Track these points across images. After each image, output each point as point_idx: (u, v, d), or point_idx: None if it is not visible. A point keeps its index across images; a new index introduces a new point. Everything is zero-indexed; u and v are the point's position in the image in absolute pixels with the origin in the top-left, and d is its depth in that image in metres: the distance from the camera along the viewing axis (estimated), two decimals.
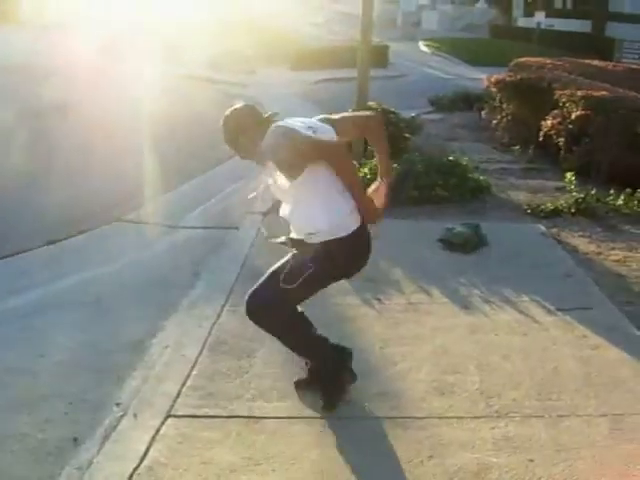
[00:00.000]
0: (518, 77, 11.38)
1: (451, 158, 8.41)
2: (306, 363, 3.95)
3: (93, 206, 7.64)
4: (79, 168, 8.99)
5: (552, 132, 9.67)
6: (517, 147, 10.67)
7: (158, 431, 3.59)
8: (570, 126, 9.28)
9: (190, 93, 15.15)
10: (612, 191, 7.73)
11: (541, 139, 9.96)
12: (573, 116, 9.22)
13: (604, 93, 9.44)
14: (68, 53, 18.47)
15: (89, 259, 6.19)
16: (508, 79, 11.53)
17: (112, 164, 8.82)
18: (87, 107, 12.32)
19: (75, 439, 3.66)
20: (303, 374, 3.96)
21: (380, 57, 21.60)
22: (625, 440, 3.59)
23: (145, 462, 3.37)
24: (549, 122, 9.75)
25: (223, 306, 4.90)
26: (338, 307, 4.46)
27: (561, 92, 9.87)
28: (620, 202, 7.57)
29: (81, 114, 11.83)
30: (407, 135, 9.71)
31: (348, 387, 3.90)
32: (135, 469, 3.32)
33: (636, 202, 7.56)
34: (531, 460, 3.41)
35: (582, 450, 3.48)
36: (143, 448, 3.47)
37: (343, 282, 5.28)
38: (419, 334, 4.64)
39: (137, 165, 8.94)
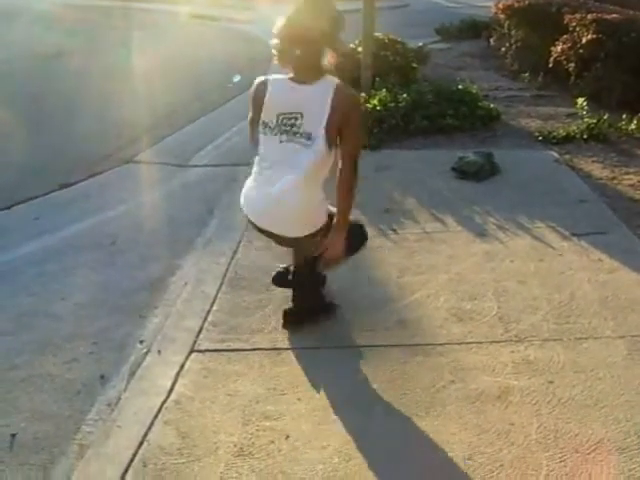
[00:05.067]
0: (526, 2, 11.17)
1: (460, 87, 8.33)
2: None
3: (103, 149, 7.64)
4: (87, 111, 8.98)
5: (562, 58, 9.53)
6: (526, 74, 10.54)
7: (183, 366, 3.65)
8: (580, 51, 9.15)
9: (192, 32, 14.94)
10: (624, 116, 7.65)
11: (551, 65, 9.81)
12: (584, 41, 9.09)
13: (615, 16, 9.28)
14: None
15: (102, 202, 6.20)
16: (516, 5, 11.32)
17: (120, 106, 8.79)
18: (94, 49, 12.25)
19: (102, 377, 3.73)
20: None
21: None
22: None
23: (172, 396, 3.44)
24: (559, 48, 9.60)
25: (239, 242, 4.92)
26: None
27: (571, 16, 9.71)
28: (633, 127, 7.51)
29: (87, 57, 11.76)
30: (415, 65, 9.60)
31: None
32: (163, 403, 3.38)
33: None
34: (551, 382, 3.45)
35: (601, 371, 3.52)
36: (169, 383, 3.53)
37: (358, 213, 5.33)
38: (435, 263, 4.66)
39: (144, 106, 8.92)
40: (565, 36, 9.60)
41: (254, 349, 3.77)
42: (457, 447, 3.04)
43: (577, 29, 9.34)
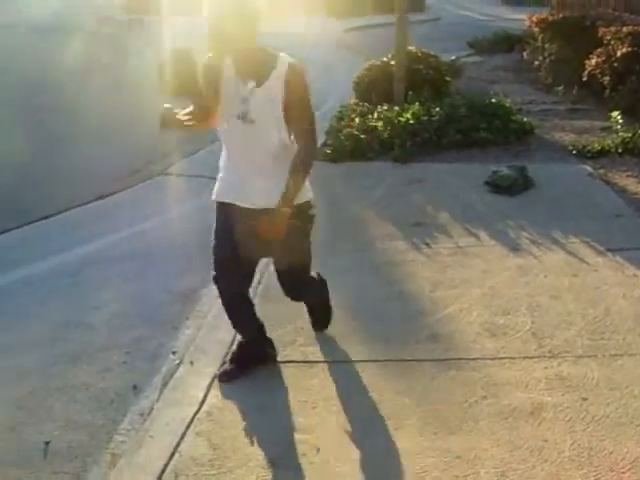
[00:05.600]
0: (560, 16, 11.12)
1: (494, 100, 8.31)
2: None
3: (138, 161, 7.73)
4: (122, 123, 9.08)
5: (597, 71, 9.45)
6: (560, 87, 10.46)
7: (215, 378, 3.67)
8: (615, 64, 9.06)
9: None
10: None
11: (585, 79, 9.74)
12: (618, 54, 9.00)
13: None
14: None
15: (137, 212, 6.28)
16: (550, 18, 11.29)
17: (154, 116, 8.87)
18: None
19: (135, 387, 3.75)
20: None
21: (417, 1, 21.25)
22: None
23: (204, 408, 3.45)
24: (593, 61, 9.52)
25: None
26: (386, 252, 4.47)
27: (605, 30, 9.64)
28: None
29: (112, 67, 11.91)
30: (448, 78, 9.59)
31: None
32: (195, 414, 3.39)
33: None
34: (585, 399, 3.41)
35: (636, 388, 3.47)
36: (201, 394, 3.54)
37: (391, 227, 5.35)
38: (468, 277, 4.64)
39: None
40: (600, 49, 9.53)
41: (286, 361, 3.77)
42: (489, 463, 3.01)
43: (612, 42, 9.27)
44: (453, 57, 11.04)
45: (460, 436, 3.18)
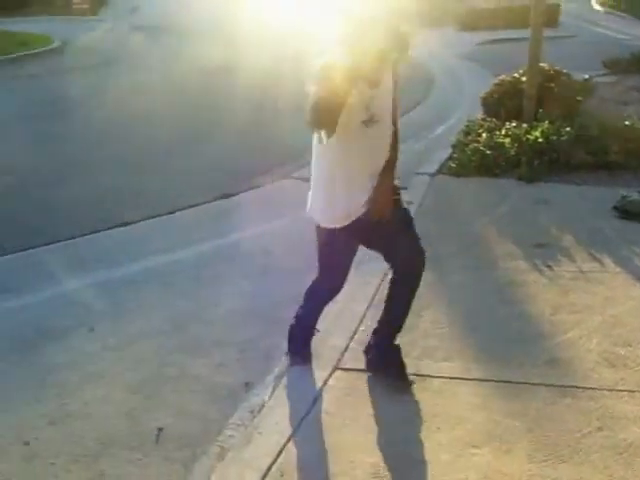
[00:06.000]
0: None
1: (627, 123, 8.02)
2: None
3: (264, 163, 7.89)
4: (252, 124, 9.30)
5: None
6: None
7: (326, 382, 3.70)
8: None
9: None
10: None
11: None
12: None
13: None
14: None
15: (259, 213, 6.40)
16: None
17: (284, 120, 9.04)
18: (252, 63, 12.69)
19: (246, 384, 3.83)
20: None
21: (550, 16, 20.76)
22: None
23: (313, 411, 3.48)
24: None
25: None
26: (508, 272, 4.38)
27: None
28: None
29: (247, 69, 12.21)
30: (579, 98, 9.33)
31: None
32: (304, 417, 3.43)
33: None
34: None
35: None
36: (311, 397, 3.58)
37: (513, 246, 5.25)
38: (590, 303, 4.50)
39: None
40: None
41: None
42: None
43: None
44: (586, 76, 10.71)
45: (571, 466, 3.09)
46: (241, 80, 11.95)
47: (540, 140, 7.41)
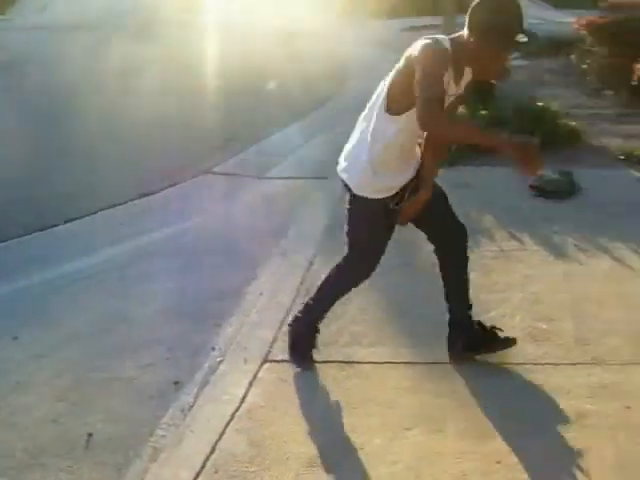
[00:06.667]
0: (609, 18, 10.96)
1: (541, 104, 8.21)
2: None
3: (183, 159, 7.81)
4: (168, 121, 9.20)
5: None
6: (609, 92, 10.32)
7: (256, 376, 3.69)
8: None
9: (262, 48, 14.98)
10: None
11: (635, 83, 9.60)
12: None
13: None
14: None
15: (181, 211, 6.34)
16: (600, 21, 11.11)
17: (205, 115, 8.98)
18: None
19: (176, 383, 3.79)
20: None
21: (462, 3, 21.03)
22: None
23: (244, 405, 3.47)
24: None
25: (315, 254, 4.96)
26: (431, 255, 4.39)
27: None
28: None
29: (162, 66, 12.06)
30: (493, 81, 9.49)
31: None
32: (235, 411, 3.41)
33: None
34: (628, 407, 3.36)
35: None
36: (242, 392, 3.56)
37: None
38: (511, 281, 4.61)
39: (227, 116, 9.09)
40: None
41: (327, 361, 3.78)
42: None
43: None
44: None
45: (501, 440, 3.15)
46: (156, 78, 11.80)
47: None
